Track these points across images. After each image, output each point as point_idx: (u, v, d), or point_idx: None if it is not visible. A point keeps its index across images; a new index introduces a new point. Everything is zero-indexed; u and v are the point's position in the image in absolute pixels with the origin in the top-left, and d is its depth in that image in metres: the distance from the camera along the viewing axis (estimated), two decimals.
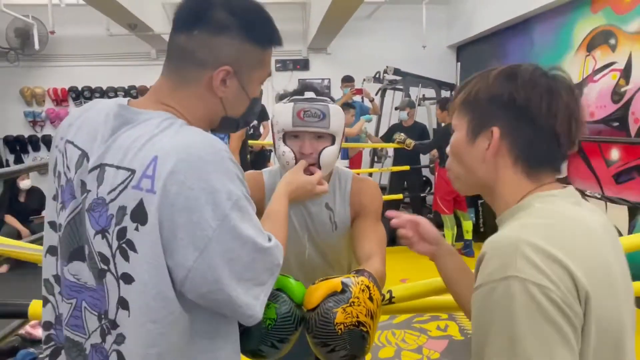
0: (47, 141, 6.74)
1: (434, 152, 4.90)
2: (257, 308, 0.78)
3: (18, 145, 6.79)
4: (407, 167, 5.13)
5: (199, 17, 0.80)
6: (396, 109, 5.55)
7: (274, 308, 0.95)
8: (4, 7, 5.28)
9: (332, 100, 1.29)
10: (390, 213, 1.09)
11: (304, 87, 1.30)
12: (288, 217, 1.32)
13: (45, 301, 0.84)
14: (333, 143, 1.26)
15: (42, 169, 3.08)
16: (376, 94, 6.00)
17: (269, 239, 0.80)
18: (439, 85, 5.82)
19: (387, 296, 1.16)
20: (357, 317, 0.91)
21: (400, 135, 4.78)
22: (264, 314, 0.95)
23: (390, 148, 5.38)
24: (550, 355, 0.62)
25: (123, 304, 0.73)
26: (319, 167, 1.23)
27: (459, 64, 6.89)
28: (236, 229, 0.73)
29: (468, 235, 4.77)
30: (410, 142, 4.69)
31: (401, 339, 3.02)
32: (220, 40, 0.80)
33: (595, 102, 4.26)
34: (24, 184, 5.20)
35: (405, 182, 5.38)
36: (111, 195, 0.73)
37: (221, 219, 0.72)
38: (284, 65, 7.01)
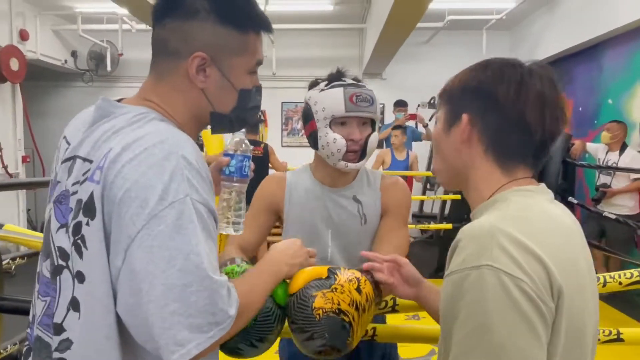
0: None
1: None
2: (173, 357, 0.62)
3: None
4: (458, 196, 4.87)
5: (170, 5, 0.77)
6: None
7: None
8: (82, 32, 5.74)
9: None
10: (366, 254, 1.00)
11: (340, 73, 1.26)
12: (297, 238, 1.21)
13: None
14: (373, 129, 1.25)
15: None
16: (429, 120, 5.84)
17: (221, 276, 0.67)
18: None
19: (390, 303, 1.09)
20: (339, 305, 0.87)
21: None
22: None
23: None
24: (519, 347, 0.60)
25: (74, 304, 0.67)
26: (364, 154, 1.22)
27: None
28: (164, 235, 0.62)
29: None
30: None
31: None
32: (191, 25, 0.76)
33: None
34: None
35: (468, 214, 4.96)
36: (74, 187, 0.70)
37: (147, 219, 0.63)
38: None
